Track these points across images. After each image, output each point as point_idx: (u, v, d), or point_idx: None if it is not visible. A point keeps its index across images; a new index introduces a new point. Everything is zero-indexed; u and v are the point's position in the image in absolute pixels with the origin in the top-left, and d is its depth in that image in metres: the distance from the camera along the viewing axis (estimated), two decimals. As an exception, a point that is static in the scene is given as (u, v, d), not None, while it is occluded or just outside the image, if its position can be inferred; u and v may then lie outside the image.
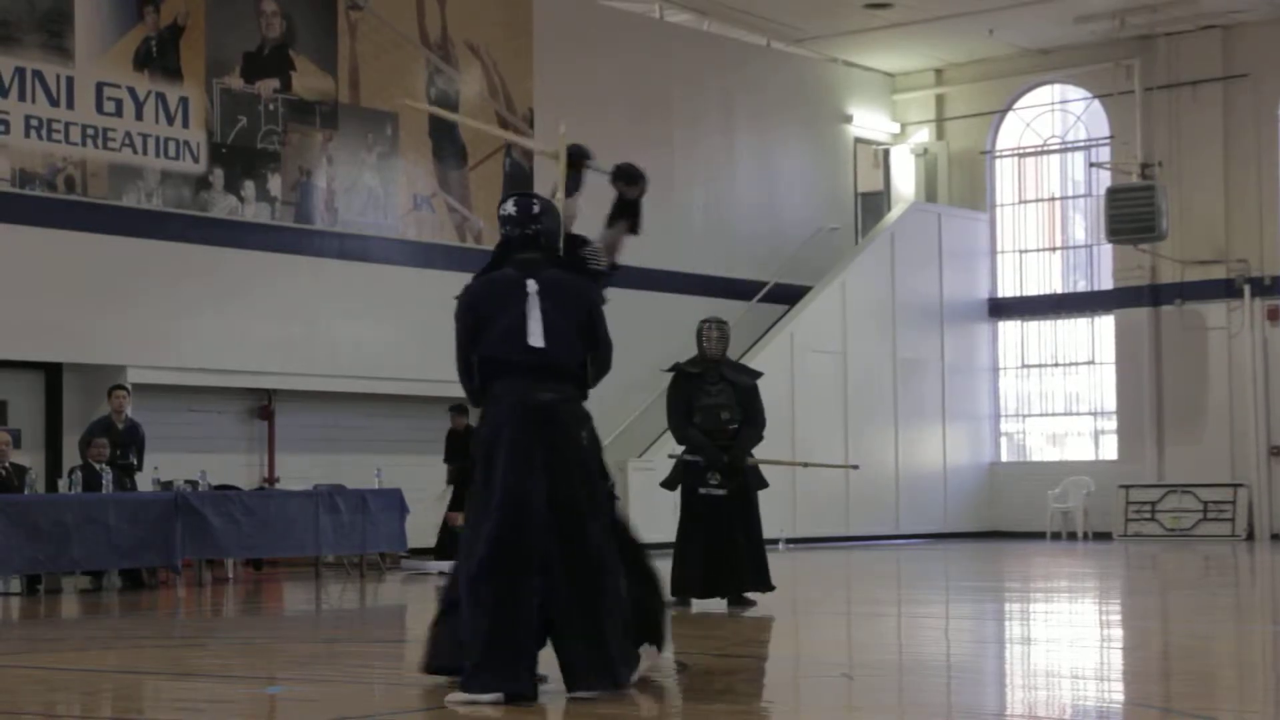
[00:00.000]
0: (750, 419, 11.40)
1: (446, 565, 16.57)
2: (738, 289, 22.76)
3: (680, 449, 11.49)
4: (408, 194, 19.51)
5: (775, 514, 21.27)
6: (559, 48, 21.00)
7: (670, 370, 11.61)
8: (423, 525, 17.50)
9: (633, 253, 24.74)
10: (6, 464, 14.14)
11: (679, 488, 11.44)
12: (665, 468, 12.05)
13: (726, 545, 11.18)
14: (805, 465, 14.77)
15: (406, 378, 18.90)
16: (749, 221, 23.43)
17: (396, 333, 18.80)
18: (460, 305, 6.82)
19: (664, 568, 11.53)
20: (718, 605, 11.22)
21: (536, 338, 6.65)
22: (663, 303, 21.55)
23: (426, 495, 17.96)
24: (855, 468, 16.81)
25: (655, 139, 22.18)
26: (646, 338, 21.11)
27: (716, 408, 11.31)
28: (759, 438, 11.48)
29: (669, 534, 11.43)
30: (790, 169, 24.31)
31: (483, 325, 6.71)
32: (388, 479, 16.54)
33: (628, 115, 21.76)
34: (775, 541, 20.81)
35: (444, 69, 19.89)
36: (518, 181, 20.53)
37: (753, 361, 21.57)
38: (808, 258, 23.78)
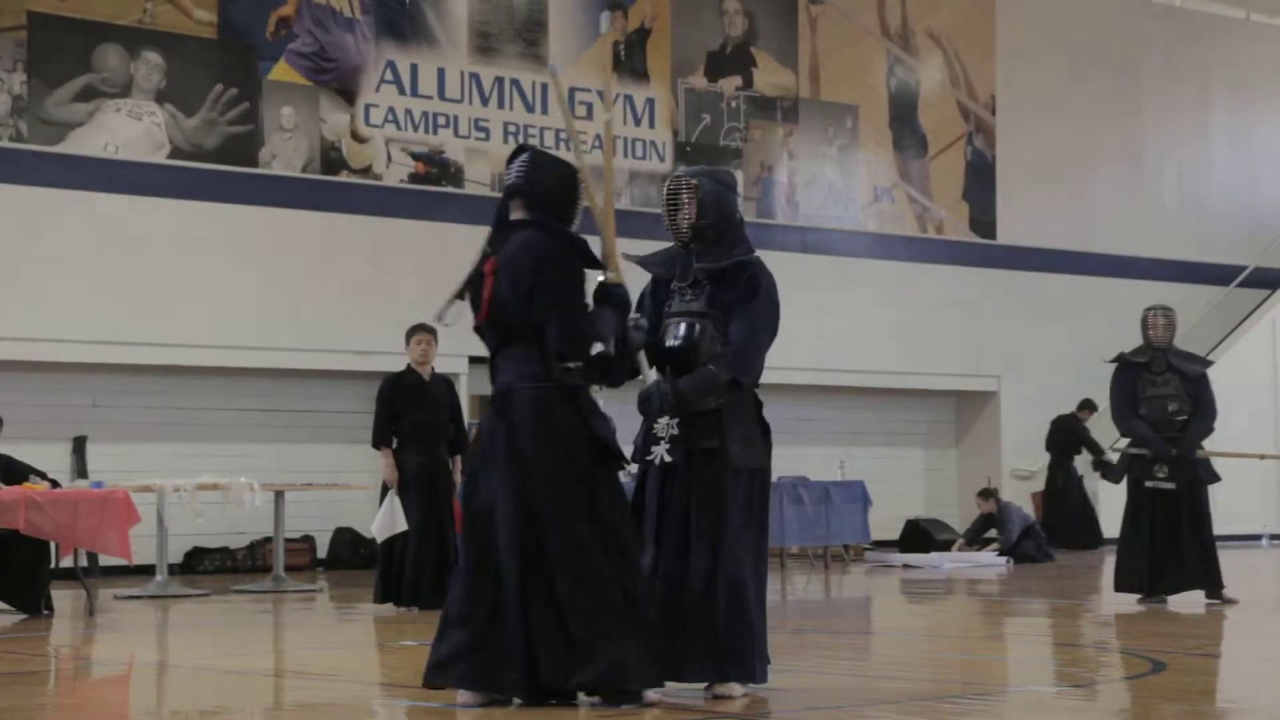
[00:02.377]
0: (1200, 410, 10.89)
1: (912, 558, 16.57)
2: (1213, 274, 21.78)
3: (1125, 441, 11.15)
4: (868, 186, 19.50)
5: (1257, 509, 20.38)
6: (1022, 32, 20.57)
7: (1114, 360, 11.23)
8: (886, 518, 17.49)
9: (1097, 238, 24.05)
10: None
11: (1125, 481, 11.14)
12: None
13: (1173, 540, 10.77)
14: (1263, 457, 13.95)
15: (869, 369, 18.89)
16: (1225, 202, 22.39)
17: (859, 325, 18.81)
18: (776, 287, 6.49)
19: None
20: (1193, 603, 10.79)
21: None
22: (1132, 290, 20.83)
23: (891, 487, 17.94)
24: None
25: (1125, 120, 21.48)
26: (1115, 326, 20.47)
27: (1164, 398, 10.88)
28: (1209, 429, 10.95)
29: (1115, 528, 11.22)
30: (1271, 146, 23.09)
31: None
32: (851, 471, 16.56)
33: (1096, 97, 21.15)
34: (1259, 538, 19.91)
35: (904, 59, 19.79)
36: (980, 171, 20.24)
37: (1230, 351, 20.72)
38: (1291, 239, 22.57)
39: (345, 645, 9.32)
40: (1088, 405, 18.99)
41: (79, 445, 15.12)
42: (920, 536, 17.88)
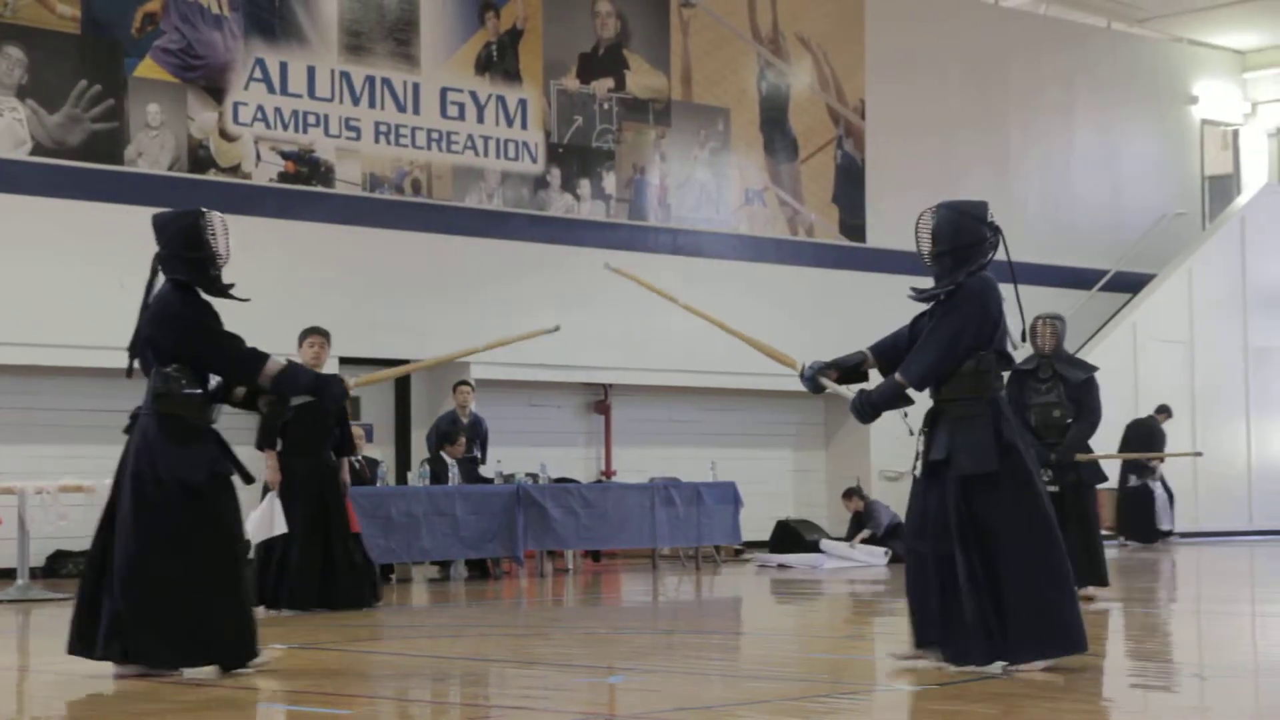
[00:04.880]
0: (1081, 414, 11.23)
1: (792, 558, 16.67)
2: (1076, 278, 22.19)
3: None
4: (739, 189, 19.62)
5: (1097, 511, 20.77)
6: (891, 38, 20.82)
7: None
8: (757, 519, 17.60)
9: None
10: (360, 458, 14.74)
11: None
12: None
13: None
14: (1148, 457, 14.30)
15: (741, 371, 18.99)
16: (1088, 208, 22.84)
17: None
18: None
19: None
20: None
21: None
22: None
23: (761, 488, 18.06)
24: (1198, 455, 16.30)
25: (991, 125, 21.82)
26: (982, 329, 20.78)
27: (1048, 405, 11.26)
28: (1088, 433, 11.30)
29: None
30: (1132, 153, 23.59)
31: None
32: (722, 472, 16.65)
33: (962, 103, 21.47)
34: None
35: (775, 63, 19.94)
36: (850, 175, 20.44)
37: (1092, 353, 21.09)
38: (1151, 244, 23.05)
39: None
40: (1164, 410, 19.97)
41: (-63, 447, 14.80)
42: (790, 537, 18.03)
